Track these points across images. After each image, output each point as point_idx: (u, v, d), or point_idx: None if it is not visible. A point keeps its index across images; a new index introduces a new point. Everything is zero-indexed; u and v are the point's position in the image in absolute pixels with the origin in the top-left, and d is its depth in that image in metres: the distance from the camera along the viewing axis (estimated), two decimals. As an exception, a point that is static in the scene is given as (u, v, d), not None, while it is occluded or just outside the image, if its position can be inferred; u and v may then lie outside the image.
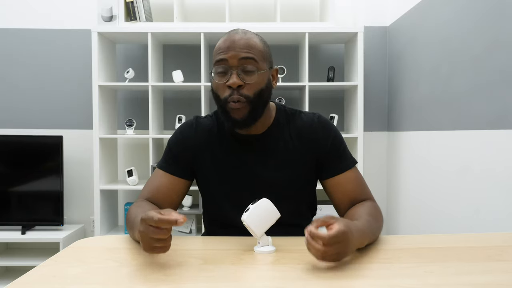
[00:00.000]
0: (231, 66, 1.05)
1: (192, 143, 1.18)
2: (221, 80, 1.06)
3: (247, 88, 1.05)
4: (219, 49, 1.07)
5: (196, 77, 2.63)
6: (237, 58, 1.04)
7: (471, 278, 0.78)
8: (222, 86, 1.06)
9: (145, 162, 2.76)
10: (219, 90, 1.08)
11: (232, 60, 1.05)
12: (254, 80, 1.06)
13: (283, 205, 0.96)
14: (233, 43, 1.06)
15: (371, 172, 2.76)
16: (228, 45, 1.06)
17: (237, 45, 1.05)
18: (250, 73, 1.06)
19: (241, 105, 1.05)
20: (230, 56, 1.04)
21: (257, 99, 1.07)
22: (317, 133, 1.16)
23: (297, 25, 2.53)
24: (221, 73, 1.06)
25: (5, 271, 2.70)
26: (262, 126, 1.16)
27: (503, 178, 1.55)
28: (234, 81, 1.04)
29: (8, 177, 2.59)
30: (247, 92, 1.05)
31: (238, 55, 1.04)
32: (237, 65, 1.05)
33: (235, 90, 1.05)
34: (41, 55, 2.79)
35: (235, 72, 1.04)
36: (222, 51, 1.06)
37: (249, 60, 1.05)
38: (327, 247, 0.80)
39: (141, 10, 2.52)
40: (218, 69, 1.06)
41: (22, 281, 0.78)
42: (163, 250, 0.84)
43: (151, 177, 1.20)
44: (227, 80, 1.05)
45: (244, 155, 1.15)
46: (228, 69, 1.05)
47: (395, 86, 2.69)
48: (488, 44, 1.64)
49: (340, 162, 1.16)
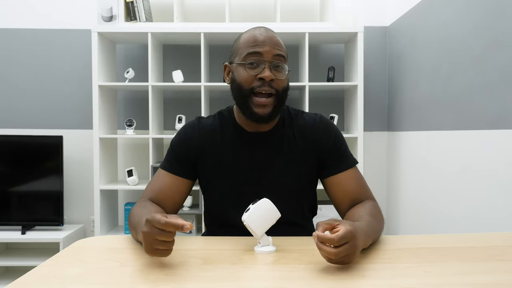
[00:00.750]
0: (265, 60, 1.07)
1: (195, 144, 1.18)
2: (252, 72, 1.08)
3: (276, 84, 1.09)
4: (251, 42, 1.09)
5: (196, 77, 2.63)
6: (272, 54, 1.08)
7: (471, 278, 0.78)
8: (252, 78, 1.08)
9: (145, 162, 2.76)
10: (246, 82, 1.08)
11: (267, 55, 1.07)
12: (283, 76, 1.10)
13: (284, 203, 0.96)
14: (268, 38, 1.09)
15: (371, 172, 2.76)
16: (262, 39, 1.08)
17: (272, 41, 1.09)
18: (280, 70, 1.09)
19: (269, 101, 1.08)
20: (265, 50, 1.07)
21: (282, 95, 1.11)
22: (319, 133, 1.18)
23: (297, 25, 2.53)
24: (252, 65, 1.08)
25: (5, 271, 2.70)
26: (270, 124, 1.17)
27: (503, 178, 1.55)
28: (268, 74, 1.06)
29: (8, 177, 2.59)
30: (276, 86, 1.08)
31: (273, 51, 1.08)
32: (270, 60, 1.07)
33: (266, 83, 1.07)
34: (41, 55, 2.79)
35: (268, 66, 1.07)
36: (257, 44, 1.08)
37: (281, 58, 1.09)
38: (337, 248, 0.79)
39: (141, 10, 2.52)
40: (250, 61, 1.08)
41: (22, 281, 0.78)
42: (165, 253, 0.83)
43: (153, 177, 1.20)
44: (258, 72, 1.07)
45: (249, 153, 1.16)
46: (262, 63, 1.07)
47: (395, 86, 2.69)
48: (488, 44, 1.64)
49: (340, 161, 1.16)
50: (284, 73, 1.10)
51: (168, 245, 0.83)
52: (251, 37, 1.10)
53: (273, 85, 1.08)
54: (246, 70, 1.08)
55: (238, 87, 1.10)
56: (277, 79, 1.08)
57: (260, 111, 1.08)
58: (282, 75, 1.09)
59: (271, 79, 1.06)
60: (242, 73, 1.09)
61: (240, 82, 1.09)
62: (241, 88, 1.09)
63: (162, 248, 0.82)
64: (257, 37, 1.09)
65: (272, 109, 1.09)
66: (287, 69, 1.11)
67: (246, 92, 1.08)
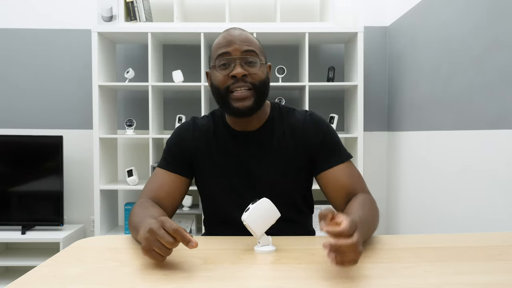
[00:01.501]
0: (234, 58, 1.09)
1: (190, 144, 1.20)
2: (224, 72, 1.10)
3: (251, 78, 1.10)
4: (219, 44, 1.11)
5: (196, 77, 2.64)
6: (240, 51, 1.09)
7: (471, 278, 0.78)
8: (225, 78, 1.09)
9: (145, 162, 2.76)
10: (220, 83, 1.10)
11: (235, 52, 1.09)
12: (257, 70, 1.11)
13: (278, 200, 0.96)
14: (233, 37, 1.10)
15: (371, 172, 2.76)
16: (229, 39, 1.10)
17: (238, 39, 1.10)
18: (253, 64, 1.10)
19: (246, 93, 1.09)
20: (233, 49, 1.09)
21: (260, 88, 1.11)
22: (309, 130, 1.18)
23: (297, 25, 2.53)
24: (224, 65, 1.10)
25: (5, 271, 2.70)
26: (258, 122, 1.18)
27: (503, 178, 1.55)
28: (239, 71, 1.08)
29: (8, 177, 2.59)
30: (251, 80, 1.10)
31: (241, 48, 1.09)
32: (240, 56, 1.09)
33: (240, 79, 1.08)
34: (41, 55, 2.79)
35: (239, 63, 1.09)
36: (224, 45, 1.10)
37: (251, 53, 1.10)
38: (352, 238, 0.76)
39: (141, 10, 2.52)
40: (221, 62, 1.10)
41: (22, 281, 0.78)
42: (158, 258, 0.82)
43: (151, 176, 1.21)
44: (230, 71, 1.09)
45: (240, 152, 1.17)
46: (231, 61, 1.09)
47: (395, 86, 2.69)
48: (488, 44, 1.64)
49: (331, 156, 1.16)
50: (257, 67, 1.11)
51: (165, 251, 0.81)
52: (219, 40, 1.12)
53: (247, 80, 1.09)
54: (219, 72, 1.10)
55: (216, 89, 1.12)
56: (250, 73, 1.09)
57: (240, 105, 1.09)
58: (255, 69, 1.10)
59: (243, 74, 1.08)
60: (217, 75, 1.11)
61: (217, 84, 1.12)
62: (218, 90, 1.11)
63: (158, 252, 0.81)
64: (225, 38, 1.11)
65: (252, 101, 1.10)
66: (260, 61, 1.12)
67: (223, 92, 1.10)
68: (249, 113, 1.11)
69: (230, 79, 1.09)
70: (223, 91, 1.10)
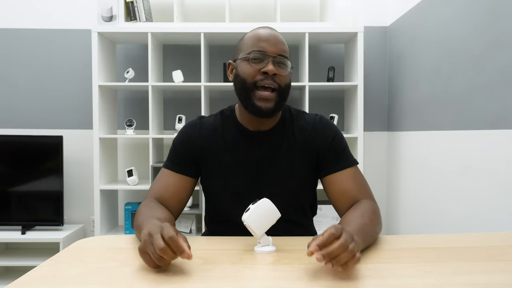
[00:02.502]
0: (269, 55, 1.09)
1: (197, 143, 1.19)
2: (256, 66, 1.10)
3: (279, 79, 1.10)
4: (258, 38, 1.12)
5: (196, 77, 2.63)
6: (276, 50, 1.10)
7: (471, 278, 0.78)
8: (255, 72, 1.10)
9: (145, 162, 2.76)
10: (249, 76, 1.10)
11: (272, 50, 1.10)
12: (286, 73, 1.12)
13: (284, 202, 0.96)
14: (272, 36, 1.12)
15: (371, 172, 2.76)
16: (267, 37, 1.11)
17: (277, 39, 1.12)
18: (283, 66, 1.12)
19: (271, 95, 1.09)
20: (270, 46, 1.10)
21: (285, 91, 1.12)
22: (318, 133, 1.18)
23: (297, 25, 2.53)
24: (256, 59, 1.10)
25: (5, 271, 2.70)
26: (271, 122, 1.19)
27: (503, 178, 1.55)
28: (272, 68, 1.08)
29: (8, 177, 2.59)
30: (279, 81, 1.10)
31: (277, 47, 1.11)
32: (274, 55, 1.10)
33: (269, 77, 1.09)
34: (41, 55, 2.79)
35: (272, 61, 1.09)
36: (262, 40, 1.11)
37: (285, 55, 1.12)
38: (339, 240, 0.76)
39: (141, 10, 2.52)
40: (255, 55, 1.10)
41: (22, 281, 0.78)
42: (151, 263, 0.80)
43: (157, 177, 1.21)
44: (262, 67, 1.09)
45: (250, 151, 1.17)
46: (266, 58, 1.10)
47: (395, 86, 2.69)
48: (488, 44, 1.64)
49: (339, 160, 1.16)
50: (286, 69, 1.12)
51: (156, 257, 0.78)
52: (256, 35, 1.13)
53: (276, 80, 1.09)
54: (250, 65, 1.10)
55: (242, 81, 1.12)
56: (280, 74, 1.10)
57: (263, 105, 1.09)
58: (285, 71, 1.11)
59: (274, 73, 1.08)
60: (246, 67, 1.11)
61: (244, 76, 1.11)
62: (244, 82, 1.11)
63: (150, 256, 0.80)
64: (262, 34, 1.12)
65: (274, 104, 1.10)
66: (290, 65, 1.13)
67: (249, 86, 1.10)
68: (270, 115, 1.12)
69: (260, 75, 1.09)
70: (250, 85, 1.10)
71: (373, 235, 1.01)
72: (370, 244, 0.99)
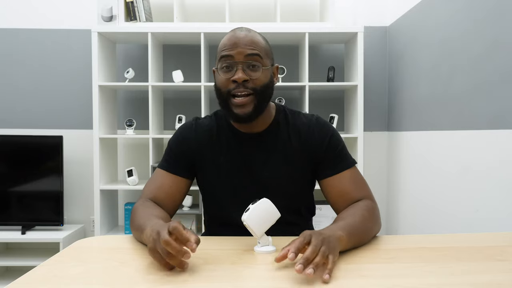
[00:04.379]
0: (236, 62, 1.07)
1: (192, 144, 1.19)
2: (226, 76, 1.09)
3: (253, 83, 1.08)
4: (224, 45, 1.10)
5: (196, 77, 2.63)
6: (243, 55, 1.07)
7: (471, 278, 0.78)
8: (227, 81, 1.09)
9: (145, 162, 2.76)
10: (222, 85, 1.10)
11: (238, 56, 1.07)
12: (259, 75, 1.09)
13: (279, 203, 0.96)
14: (238, 40, 1.09)
15: (371, 172, 2.76)
16: (233, 41, 1.08)
17: (242, 42, 1.08)
18: (255, 69, 1.09)
19: (246, 100, 1.08)
20: (236, 53, 1.07)
21: (262, 93, 1.10)
22: (315, 134, 1.17)
23: (297, 25, 2.53)
24: (226, 68, 1.09)
25: (5, 271, 2.70)
26: (262, 124, 1.17)
27: (503, 178, 1.55)
28: (240, 76, 1.06)
29: (8, 177, 2.59)
30: (252, 85, 1.08)
31: (244, 52, 1.07)
32: (242, 61, 1.07)
33: (240, 85, 1.07)
34: (41, 55, 2.79)
35: (241, 68, 1.07)
36: (227, 47, 1.09)
37: (254, 57, 1.08)
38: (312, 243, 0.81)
39: (141, 10, 2.52)
40: (223, 65, 1.09)
41: (22, 281, 0.78)
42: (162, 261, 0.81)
43: (152, 177, 1.20)
44: (232, 75, 1.08)
45: (243, 153, 1.17)
46: (234, 65, 1.08)
47: (395, 86, 2.69)
48: (488, 44, 1.64)
49: (336, 163, 1.16)
50: (259, 71, 1.09)
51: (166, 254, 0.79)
52: (224, 40, 1.11)
53: (248, 86, 1.08)
54: (221, 74, 1.10)
55: (218, 90, 1.12)
56: (251, 78, 1.08)
57: (240, 111, 1.09)
58: (256, 74, 1.09)
59: (244, 79, 1.07)
60: (219, 77, 1.11)
61: (219, 85, 1.11)
62: (220, 92, 1.11)
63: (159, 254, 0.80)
64: (227, 41, 1.10)
65: (252, 108, 1.09)
66: (266, 64, 1.10)
67: (224, 95, 1.10)
68: (249, 120, 1.11)
69: (232, 83, 1.08)
70: (225, 95, 1.10)
71: (365, 232, 1.01)
72: (364, 241, 0.99)
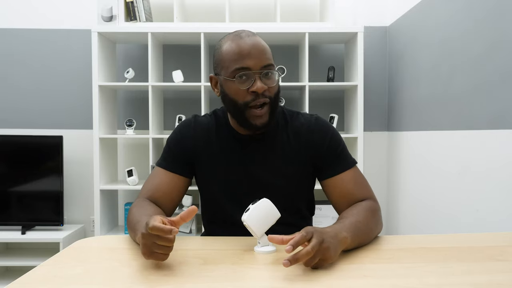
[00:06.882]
0: (254, 72, 1.05)
1: (191, 142, 1.18)
2: (243, 86, 1.06)
3: (268, 91, 1.08)
4: (238, 54, 1.05)
5: (196, 77, 2.64)
6: (260, 65, 1.05)
7: (471, 278, 0.78)
8: (244, 92, 1.06)
9: (145, 162, 2.76)
10: (238, 95, 1.07)
11: (256, 67, 1.05)
12: (273, 83, 1.09)
13: (279, 204, 0.96)
14: (253, 48, 1.06)
15: (371, 172, 2.76)
16: (249, 50, 1.05)
17: (258, 50, 1.06)
18: (270, 77, 1.08)
19: (265, 110, 1.07)
20: (253, 64, 1.05)
21: (276, 100, 1.10)
22: (314, 134, 1.17)
23: (297, 25, 2.53)
24: (240, 78, 1.06)
25: (5, 271, 2.70)
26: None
27: (503, 178, 1.55)
28: (261, 86, 1.05)
29: (8, 177, 2.59)
30: (269, 94, 1.08)
31: (261, 62, 1.06)
32: (259, 71, 1.05)
33: (260, 95, 1.06)
34: (41, 55, 2.79)
35: (258, 77, 1.05)
36: (243, 57, 1.05)
37: (270, 66, 1.08)
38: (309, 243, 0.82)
39: (141, 10, 2.52)
40: (241, 76, 1.05)
41: (22, 281, 0.78)
42: (162, 257, 0.83)
43: (150, 175, 1.20)
44: (249, 85, 1.05)
45: (242, 154, 1.16)
46: (251, 76, 1.05)
47: (395, 86, 2.69)
48: (488, 44, 1.64)
49: (337, 163, 1.16)
50: (274, 79, 1.08)
51: (166, 249, 0.82)
52: (236, 48, 1.06)
53: (266, 94, 1.07)
54: (236, 85, 1.06)
55: (232, 102, 1.09)
56: (269, 87, 1.07)
57: (258, 122, 1.08)
58: (272, 82, 1.08)
59: (264, 90, 1.06)
60: (233, 87, 1.07)
61: (233, 97, 1.08)
62: (235, 103, 1.08)
63: (159, 252, 0.82)
64: (242, 49, 1.05)
65: (268, 116, 1.09)
66: (276, 74, 1.10)
67: (241, 107, 1.07)
68: (266, 128, 1.10)
69: (249, 95, 1.06)
70: (242, 106, 1.07)
71: (367, 233, 1.01)
72: (366, 242, 1.00)
